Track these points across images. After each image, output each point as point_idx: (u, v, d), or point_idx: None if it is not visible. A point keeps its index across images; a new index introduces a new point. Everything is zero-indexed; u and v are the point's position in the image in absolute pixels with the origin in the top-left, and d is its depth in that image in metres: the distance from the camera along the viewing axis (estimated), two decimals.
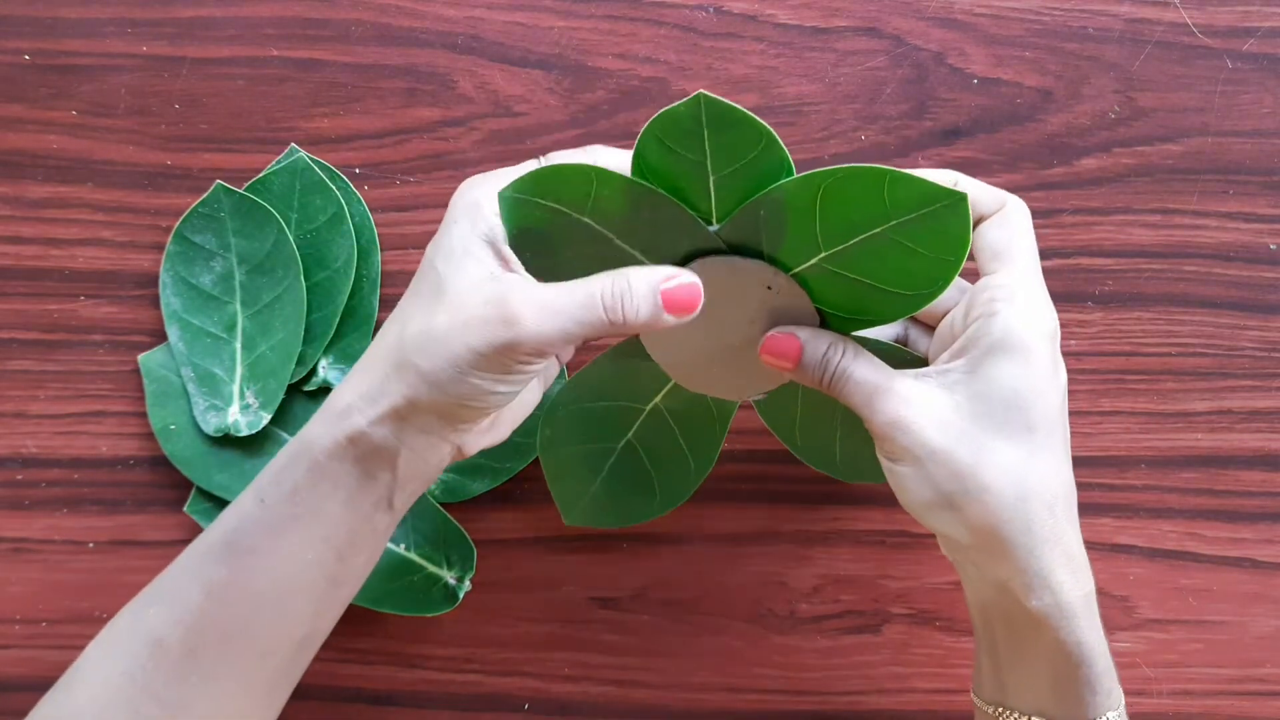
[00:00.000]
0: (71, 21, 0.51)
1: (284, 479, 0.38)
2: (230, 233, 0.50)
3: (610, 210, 0.40)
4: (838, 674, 0.51)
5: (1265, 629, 0.51)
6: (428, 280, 0.38)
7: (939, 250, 0.40)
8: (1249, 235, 0.51)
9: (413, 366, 0.37)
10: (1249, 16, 0.50)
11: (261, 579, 0.38)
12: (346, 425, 0.37)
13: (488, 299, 0.37)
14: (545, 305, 0.37)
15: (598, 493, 0.48)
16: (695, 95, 0.39)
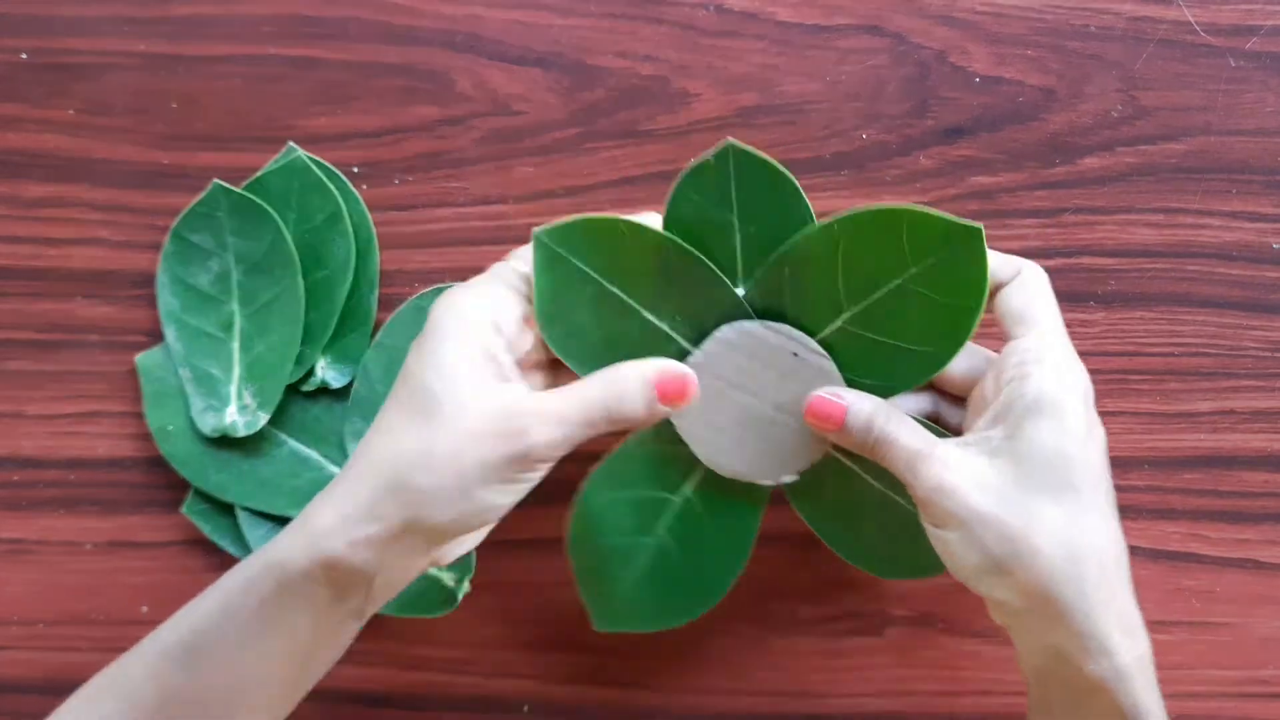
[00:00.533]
0: (68, 20, 0.51)
1: (251, 591, 0.37)
2: (228, 232, 0.49)
3: (639, 271, 0.43)
4: (839, 676, 0.51)
5: (1269, 631, 0.51)
6: (418, 397, 0.37)
7: (958, 296, 0.41)
8: (1252, 235, 0.51)
9: (411, 487, 0.36)
10: (1252, 15, 0.50)
11: (220, 687, 0.37)
12: (324, 547, 0.36)
13: (494, 413, 0.37)
14: (551, 414, 0.37)
15: (630, 594, 0.47)
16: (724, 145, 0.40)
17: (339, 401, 0.51)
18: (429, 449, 0.36)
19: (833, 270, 0.43)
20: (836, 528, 0.47)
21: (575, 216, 0.42)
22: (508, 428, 0.37)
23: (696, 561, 0.47)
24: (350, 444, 0.50)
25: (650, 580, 0.47)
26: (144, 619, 0.52)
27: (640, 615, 0.47)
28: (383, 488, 0.36)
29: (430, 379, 0.37)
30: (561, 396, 0.38)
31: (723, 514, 0.47)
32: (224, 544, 0.51)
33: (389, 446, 0.37)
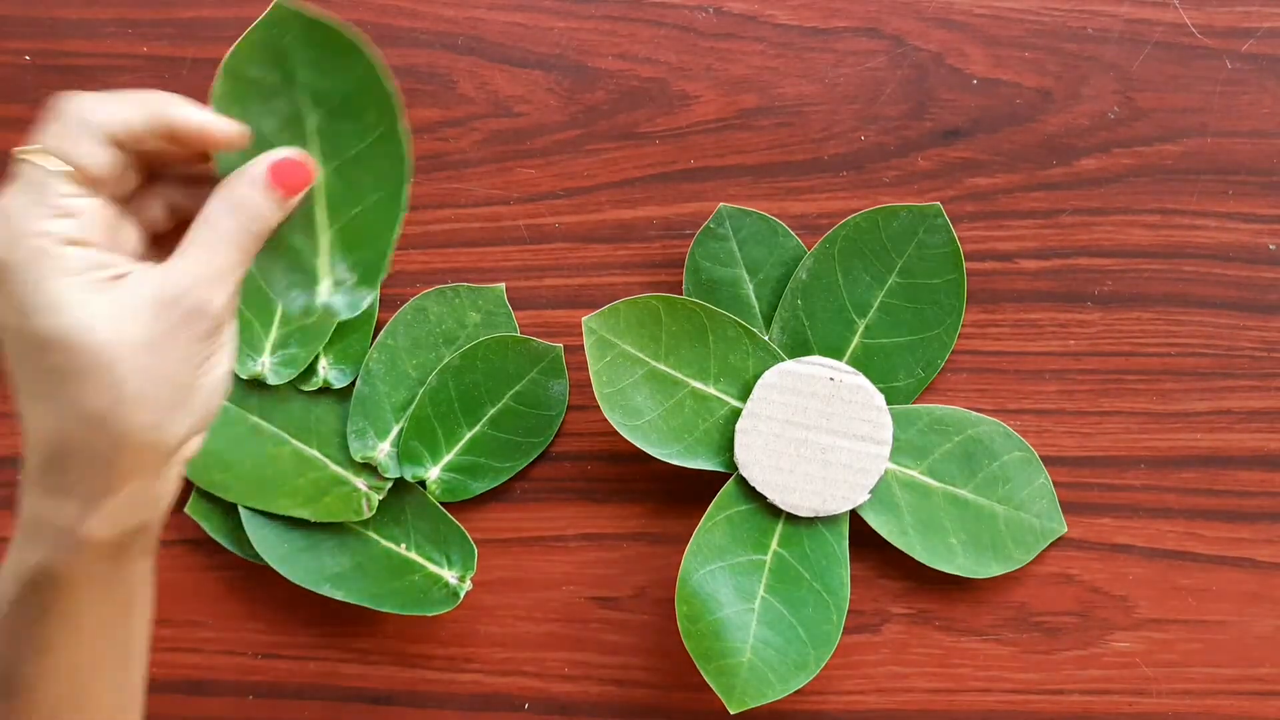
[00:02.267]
0: (72, 22, 0.51)
1: (29, 606, 0.34)
2: (298, 64, 0.37)
3: (678, 340, 0.48)
4: (837, 673, 0.52)
5: (1265, 629, 0.51)
6: (54, 355, 0.31)
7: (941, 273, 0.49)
8: (1248, 235, 0.51)
9: (138, 430, 0.32)
10: (1248, 17, 0.50)
11: (46, 701, 0.35)
12: (81, 539, 0.33)
13: (157, 309, 0.32)
14: (210, 272, 0.33)
15: (752, 662, 0.48)
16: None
17: (341, 401, 0.51)
18: (120, 391, 0.31)
19: (837, 289, 0.49)
20: (918, 539, 0.49)
21: (615, 302, 0.48)
22: (180, 315, 0.32)
23: (803, 612, 0.49)
24: (353, 443, 0.50)
25: (767, 645, 0.48)
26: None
27: (768, 683, 0.48)
28: (106, 451, 0.32)
29: (54, 329, 0.31)
30: (202, 249, 0.33)
31: (812, 558, 0.49)
32: (226, 544, 0.51)
33: (71, 414, 0.31)
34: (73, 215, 0.32)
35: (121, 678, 0.38)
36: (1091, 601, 0.51)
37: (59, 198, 0.32)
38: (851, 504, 0.49)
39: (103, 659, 0.36)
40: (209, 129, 0.34)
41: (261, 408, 0.51)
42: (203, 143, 0.34)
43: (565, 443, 0.52)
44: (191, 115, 0.34)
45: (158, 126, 0.33)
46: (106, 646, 0.36)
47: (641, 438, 0.48)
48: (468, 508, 0.51)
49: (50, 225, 0.31)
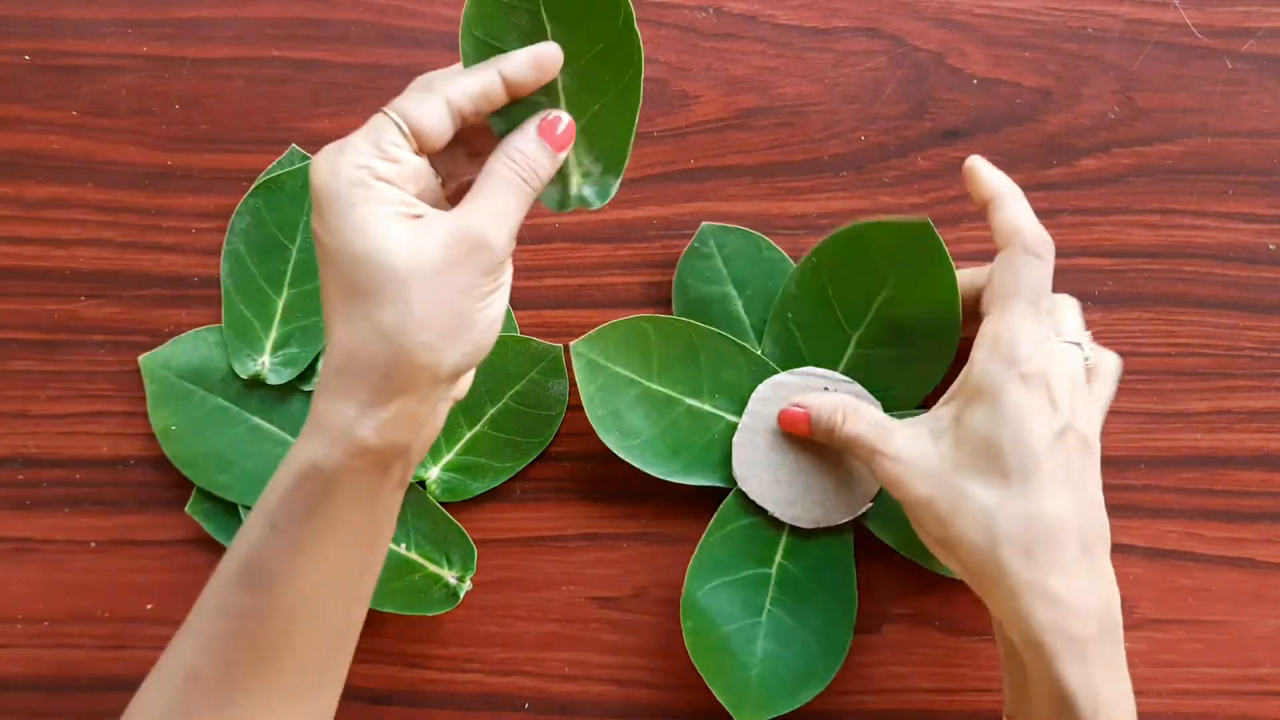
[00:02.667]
0: (72, 22, 0.51)
1: (294, 501, 0.37)
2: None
3: (670, 360, 0.48)
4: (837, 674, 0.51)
5: (1265, 629, 0.51)
6: (360, 269, 0.36)
7: (935, 291, 0.46)
8: (1248, 235, 0.51)
9: (417, 349, 0.36)
10: (1248, 17, 0.51)
11: (289, 597, 0.38)
12: (355, 440, 0.37)
13: (447, 242, 0.37)
14: (493, 212, 0.38)
15: (761, 675, 0.48)
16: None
17: None
18: (408, 309, 0.36)
19: (827, 302, 0.48)
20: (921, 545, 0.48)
21: (603, 326, 0.47)
22: (467, 247, 0.37)
23: (811, 623, 0.48)
24: None
25: (775, 658, 0.48)
26: (148, 616, 0.52)
27: (779, 695, 0.48)
28: (387, 364, 0.36)
29: (362, 248, 0.36)
30: (487, 194, 0.38)
31: (819, 569, 0.49)
32: (227, 543, 0.51)
33: (364, 326, 0.36)
34: (395, 161, 0.37)
35: (350, 604, 0.40)
36: None
37: (389, 144, 0.37)
38: (854, 513, 0.48)
39: (342, 576, 0.39)
40: (537, 58, 0.39)
41: (262, 407, 0.51)
42: (537, 75, 0.39)
43: (565, 443, 0.52)
44: (516, 58, 0.39)
45: (491, 85, 0.39)
46: (348, 565, 0.39)
47: (638, 457, 0.48)
48: (468, 508, 0.51)
49: (373, 162, 0.37)
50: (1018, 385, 0.39)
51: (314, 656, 0.39)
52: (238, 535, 0.39)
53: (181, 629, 0.39)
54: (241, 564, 0.38)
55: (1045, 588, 0.38)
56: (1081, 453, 0.40)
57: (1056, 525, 0.39)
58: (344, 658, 0.41)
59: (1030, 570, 0.38)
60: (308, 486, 0.37)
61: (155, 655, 0.51)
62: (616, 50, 0.40)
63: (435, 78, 0.40)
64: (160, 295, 0.52)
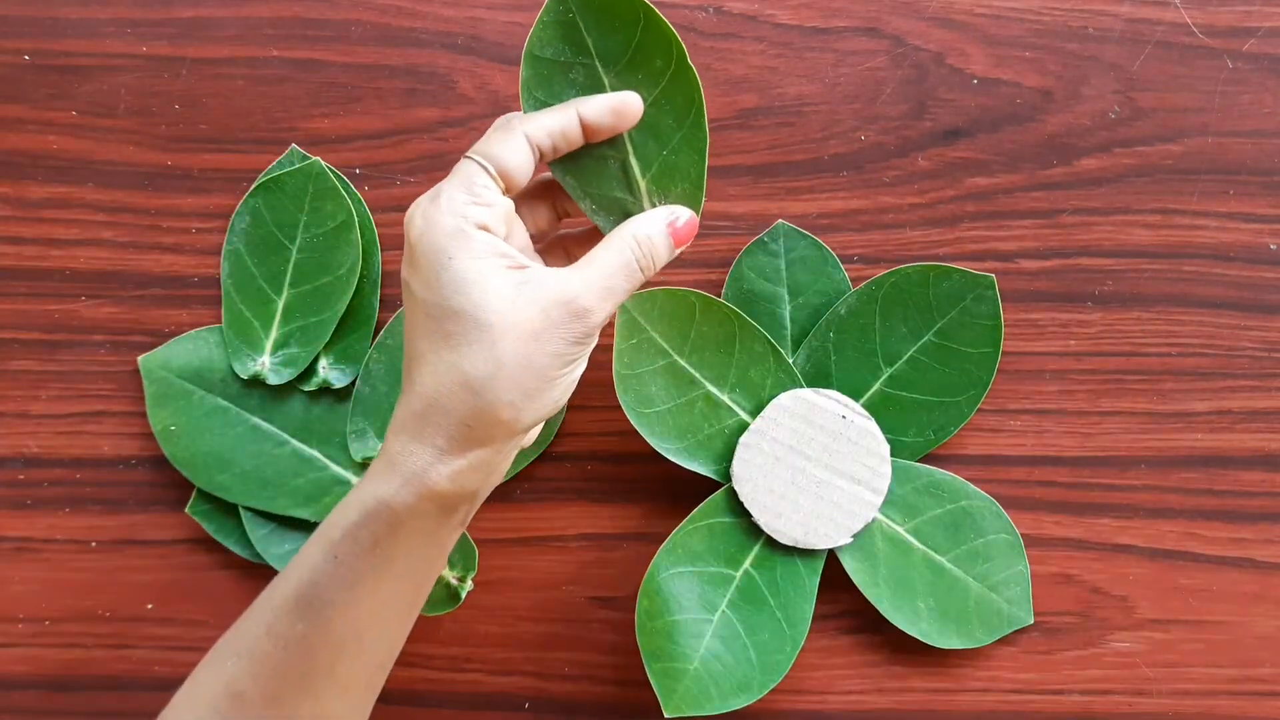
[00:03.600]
0: (71, 22, 0.51)
1: (360, 536, 0.38)
2: (585, 32, 0.41)
3: (706, 343, 0.48)
4: (837, 673, 0.52)
5: (1265, 629, 0.51)
6: (453, 322, 0.37)
7: (978, 344, 0.48)
8: (1249, 235, 0.51)
9: (495, 406, 0.37)
10: (1249, 16, 0.50)
11: (341, 628, 0.38)
12: (427, 484, 0.37)
13: (548, 305, 0.37)
14: (602, 288, 0.39)
15: (697, 671, 0.48)
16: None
17: (341, 402, 0.51)
18: (497, 367, 0.37)
19: (872, 332, 0.49)
20: (887, 593, 0.49)
21: (655, 289, 0.47)
22: (567, 314, 0.38)
23: (759, 636, 0.48)
24: (353, 443, 0.50)
25: (716, 658, 0.48)
26: (149, 616, 0.52)
27: (707, 696, 0.48)
28: (470, 415, 0.37)
29: (460, 302, 0.37)
30: (600, 267, 0.39)
31: (781, 585, 0.49)
32: (228, 543, 0.51)
33: (451, 376, 0.37)
34: (488, 205, 0.38)
35: (397, 634, 0.41)
36: (1092, 602, 0.51)
37: (480, 188, 0.38)
38: (833, 543, 0.48)
39: (395, 610, 0.40)
40: (617, 104, 0.40)
41: (262, 408, 0.51)
42: (615, 120, 0.40)
43: (565, 443, 0.52)
44: (596, 101, 0.40)
45: (569, 124, 0.40)
46: (401, 599, 0.40)
47: (646, 426, 0.48)
48: None
49: (469, 209, 0.37)
50: None
51: (357, 683, 0.40)
52: (294, 562, 0.39)
53: (224, 645, 0.40)
54: (297, 592, 0.38)
55: None
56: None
57: None
58: (380, 682, 0.42)
59: None
60: (375, 524, 0.38)
61: (156, 655, 0.52)
62: (675, 92, 0.41)
63: (513, 117, 0.40)
64: (160, 295, 0.52)
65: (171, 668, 0.52)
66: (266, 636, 0.38)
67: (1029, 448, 0.51)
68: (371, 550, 0.38)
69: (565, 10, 0.40)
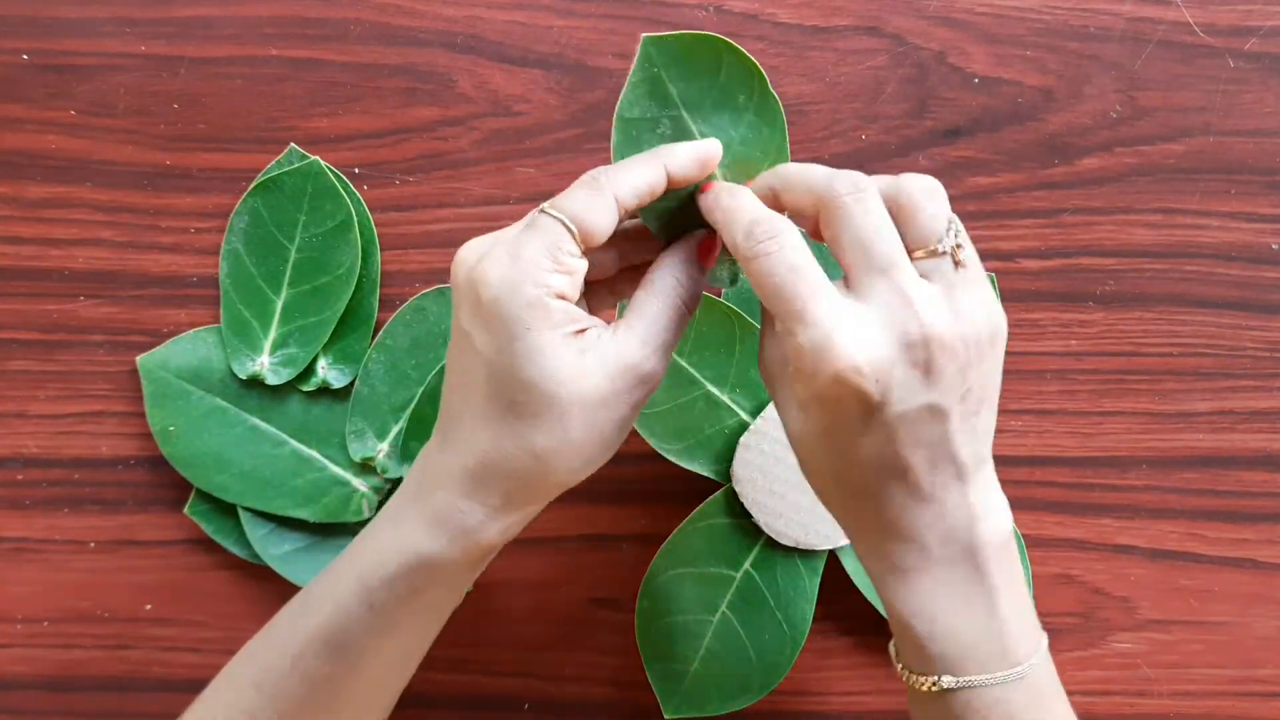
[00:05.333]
0: (70, 21, 0.51)
1: (398, 587, 0.37)
2: (669, 82, 0.40)
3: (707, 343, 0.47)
4: (838, 674, 0.51)
5: (1267, 630, 0.51)
6: (523, 393, 0.35)
7: None
8: (1251, 235, 0.51)
9: (560, 472, 0.36)
10: (1251, 15, 0.50)
11: (369, 672, 0.38)
12: (477, 540, 0.37)
13: (613, 373, 0.35)
14: (660, 344, 0.37)
15: (697, 672, 0.48)
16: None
17: (339, 402, 0.51)
18: (565, 438, 0.35)
19: None
20: None
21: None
22: (634, 379, 0.36)
23: (759, 637, 0.48)
24: (352, 444, 0.50)
25: (716, 659, 0.48)
26: (148, 616, 0.52)
27: (707, 697, 0.48)
28: (528, 479, 0.36)
29: (530, 374, 0.35)
30: (652, 320, 0.37)
31: (781, 586, 0.49)
32: (227, 544, 0.51)
33: (514, 444, 0.35)
34: (570, 273, 0.36)
35: (410, 675, 0.41)
36: (1093, 602, 0.51)
37: (566, 255, 0.35)
38: (833, 544, 0.48)
39: (420, 650, 0.40)
40: (701, 154, 0.38)
41: (260, 408, 0.51)
42: (701, 169, 0.38)
43: None
44: (680, 153, 0.38)
45: (656, 180, 0.37)
46: (422, 644, 0.40)
47: (646, 427, 0.48)
48: None
49: (552, 279, 0.35)
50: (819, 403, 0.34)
51: (373, 715, 0.41)
52: (322, 600, 0.38)
53: (241, 671, 0.39)
54: (328, 635, 0.38)
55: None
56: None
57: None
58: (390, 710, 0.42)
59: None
60: (415, 578, 0.37)
61: (154, 656, 0.52)
62: (760, 123, 0.40)
63: (601, 174, 0.37)
64: (159, 295, 0.51)
65: (169, 668, 0.52)
66: (292, 673, 0.38)
67: (1030, 448, 0.51)
68: (409, 600, 0.37)
69: (650, 65, 0.39)
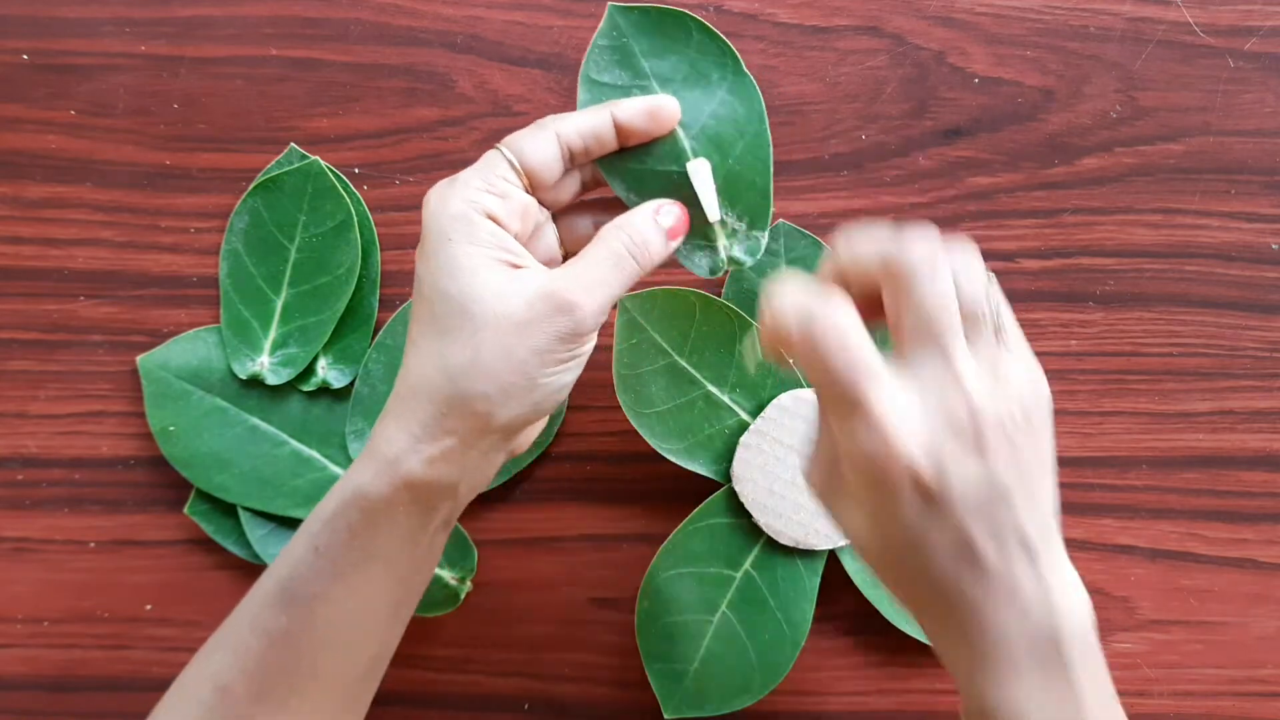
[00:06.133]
0: (70, 21, 0.51)
1: (337, 525, 0.37)
2: (640, 56, 0.41)
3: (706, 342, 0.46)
4: (839, 674, 0.51)
5: (1266, 630, 0.51)
6: (443, 306, 0.37)
7: None
8: (1251, 235, 0.51)
9: (472, 395, 0.36)
10: (1251, 15, 0.50)
11: (323, 622, 0.38)
12: (400, 471, 0.37)
13: (532, 298, 0.36)
14: (590, 282, 0.37)
15: (697, 672, 0.48)
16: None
17: (339, 402, 0.51)
18: (476, 355, 0.36)
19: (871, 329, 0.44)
20: (889, 596, 0.49)
21: (654, 289, 0.47)
22: (553, 306, 0.36)
23: (759, 637, 0.48)
24: (352, 444, 0.50)
25: (716, 659, 0.48)
26: (148, 617, 0.52)
27: (707, 697, 0.48)
28: (443, 402, 0.36)
29: (448, 286, 0.36)
30: (587, 261, 0.38)
31: (782, 586, 0.49)
32: (227, 544, 0.51)
33: (432, 362, 0.37)
34: (501, 196, 0.37)
35: (383, 636, 0.40)
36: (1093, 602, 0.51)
37: (496, 177, 0.38)
38: (833, 543, 0.48)
39: (377, 608, 0.39)
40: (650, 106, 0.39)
41: (260, 408, 0.51)
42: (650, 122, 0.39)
43: (565, 443, 0.52)
44: (630, 103, 0.39)
45: (602, 124, 0.39)
46: (384, 598, 0.39)
47: (646, 427, 0.48)
48: (468, 508, 0.51)
49: (480, 196, 0.37)
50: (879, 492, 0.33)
51: (341, 682, 0.39)
52: (280, 554, 0.39)
53: (213, 640, 0.39)
54: (279, 584, 0.38)
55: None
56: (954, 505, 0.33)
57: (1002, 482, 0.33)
58: (372, 685, 0.41)
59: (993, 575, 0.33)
60: (352, 513, 0.37)
61: (154, 656, 0.52)
62: (734, 102, 0.41)
63: (548, 117, 0.39)
64: (159, 295, 0.51)
65: (169, 668, 0.52)
66: (250, 630, 0.38)
67: None
68: (349, 541, 0.37)
69: (618, 35, 0.40)
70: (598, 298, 0.37)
